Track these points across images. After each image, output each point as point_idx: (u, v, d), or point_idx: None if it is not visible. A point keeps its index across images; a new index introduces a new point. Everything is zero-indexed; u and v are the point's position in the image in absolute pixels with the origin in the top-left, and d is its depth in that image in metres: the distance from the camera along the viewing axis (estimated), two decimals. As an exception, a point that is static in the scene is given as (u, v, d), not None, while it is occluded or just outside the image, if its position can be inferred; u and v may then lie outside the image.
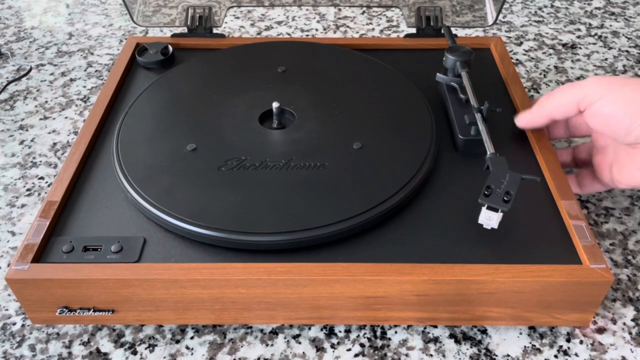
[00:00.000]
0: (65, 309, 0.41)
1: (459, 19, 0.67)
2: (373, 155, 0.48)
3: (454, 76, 0.55)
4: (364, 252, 0.42)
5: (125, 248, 0.42)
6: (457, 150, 0.50)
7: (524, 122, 0.50)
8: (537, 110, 0.48)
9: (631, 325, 0.45)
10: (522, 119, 0.50)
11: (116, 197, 0.46)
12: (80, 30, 0.85)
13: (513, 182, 0.42)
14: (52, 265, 0.40)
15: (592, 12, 0.89)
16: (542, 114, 0.48)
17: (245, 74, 0.58)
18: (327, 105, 0.54)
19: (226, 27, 0.85)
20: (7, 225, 0.54)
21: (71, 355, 0.43)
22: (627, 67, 0.75)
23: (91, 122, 0.52)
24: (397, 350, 0.43)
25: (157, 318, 0.43)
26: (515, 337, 0.44)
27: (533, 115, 0.49)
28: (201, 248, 0.42)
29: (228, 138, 0.50)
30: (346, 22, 0.86)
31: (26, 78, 0.74)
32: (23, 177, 0.59)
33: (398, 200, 0.44)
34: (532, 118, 0.49)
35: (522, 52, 0.79)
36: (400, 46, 0.64)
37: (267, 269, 0.40)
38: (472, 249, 0.42)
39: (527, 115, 0.49)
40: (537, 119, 0.49)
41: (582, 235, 0.42)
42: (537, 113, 0.48)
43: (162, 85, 0.57)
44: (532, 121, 0.49)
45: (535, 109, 0.48)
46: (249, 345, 0.44)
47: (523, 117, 0.50)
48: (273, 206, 0.44)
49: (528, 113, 0.49)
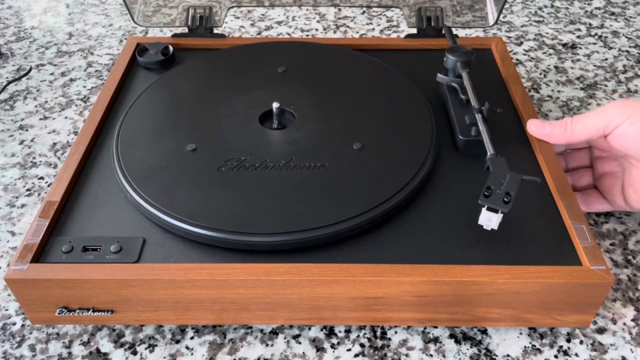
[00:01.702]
0: (65, 309, 0.41)
1: (459, 19, 0.67)
2: (373, 156, 0.48)
3: (454, 76, 0.55)
4: (364, 252, 0.42)
5: (125, 248, 0.42)
6: (457, 151, 0.50)
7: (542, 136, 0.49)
8: (561, 130, 0.48)
9: (631, 325, 0.45)
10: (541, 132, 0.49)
11: (116, 197, 0.46)
12: (80, 30, 0.85)
13: (513, 183, 0.42)
14: (51, 265, 0.40)
15: (592, 12, 0.89)
16: (565, 137, 0.48)
17: (246, 74, 0.58)
18: (327, 105, 0.54)
19: (226, 27, 0.84)
20: (7, 225, 0.54)
21: (71, 355, 0.43)
22: (627, 67, 0.75)
23: (91, 122, 0.52)
24: (397, 351, 0.43)
25: (157, 318, 0.43)
26: (515, 337, 0.44)
27: (557, 133, 0.48)
28: (200, 248, 0.42)
29: (228, 138, 0.50)
30: (346, 22, 0.86)
31: (26, 78, 0.74)
32: (23, 177, 0.59)
33: (398, 201, 0.44)
34: (554, 135, 0.48)
35: (522, 52, 0.79)
36: (401, 46, 0.64)
37: (266, 270, 0.40)
38: (472, 250, 0.42)
39: (545, 130, 0.49)
40: (560, 139, 0.48)
41: (582, 236, 0.42)
42: (562, 133, 0.48)
43: (162, 85, 0.57)
44: (552, 138, 0.49)
45: (559, 128, 0.48)
46: (249, 346, 0.43)
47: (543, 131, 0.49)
48: (273, 207, 0.44)
49: (547, 127, 0.49)
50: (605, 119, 0.46)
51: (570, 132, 0.47)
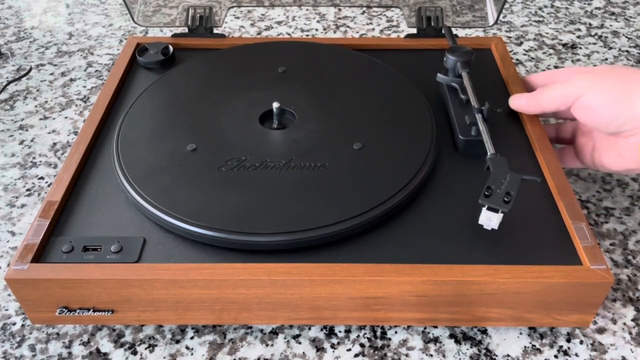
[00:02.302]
0: (65, 309, 0.41)
1: (459, 19, 0.67)
2: (373, 156, 0.48)
3: (454, 76, 0.55)
4: (364, 252, 0.42)
5: (125, 248, 0.42)
6: (457, 151, 0.50)
7: (516, 107, 0.53)
8: (530, 101, 0.51)
9: (631, 325, 0.45)
10: (515, 104, 0.53)
11: (116, 197, 0.46)
12: (80, 30, 0.85)
13: (513, 183, 0.42)
14: (51, 265, 0.40)
15: (592, 12, 0.89)
16: (534, 107, 0.51)
17: (246, 74, 0.58)
18: (327, 105, 0.54)
19: (226, 27, 0.84)
20: (7, 225, 0.54)
21: (71, 355, 0.43)
22: (628, 68, 0.75)
23: (91, 122, 0.52)
24: (397, 351, 0.43)
25: (157, 318, 0.43)
26: (516, 337, 0.44)
27: (527, 104, 0.51)
28: (201, 248, 0.42)
29: (228, 138, 0.50)
30: (346, 22, 0.86)
31: (26, 78, 0.74)
32: (23, 177, 0.59)
33: (398, 201, 0.44)
34: (525, 106, 0.52)
35: (522, 52, 0.79)
36: (401, 46, 0.64)
37: (266, 270, 0.40)
38: (472, 250, 0.42)
39: (520, 101, 0.52)
40: (530, 109, 0.52)
41: (582, 235, 0.42)
42: (531, 104, 0.51)
43: (162, 85, 0.57)
44: (523, 109, 0.52)
45: (529, 100, 0.51)
46: (249, 346, 0.43)
47: (517, 103, 0.52)
48: (273, 206, 0.44)
49: (522, 99, 0.52)
50: (568, 90, 0.47)
51: (539, 103, 0.50)
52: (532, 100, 0.51)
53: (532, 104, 0.51)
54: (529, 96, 0.51)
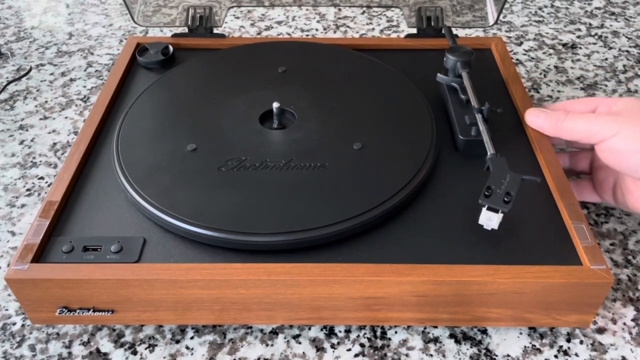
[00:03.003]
0: (65, 309, 0.41)
1: (459, 19, 0.67)
2: (373, 156, 0.48)
3: (454, 76, 0.55)
4: (364, 252, 0.42)
5: (125, 248, 0.42)
6: (457, 151, 0.50)
7: (532, 124, 0.50)
8: (549, 122, 0.48)
9: (631, 325, 0.45)
10: (532, 121, 0.50)
11: (116, 197, 0.46)
12: (80, 30, 0.85)
13: (513, 183, 0.42)
14: (51, 265, 0.40)
15: (592, 12, 0.89)
16: (552, 130, 0.48)
17: (246, 74, 0.58)
18: (327, 105, 0.54)
19: (226, 27, 0.84)
20: (7, 225, 0.54)
21: (71, 355, 0.43)
22: (627, 67, 0.75)
23: (91, 122, 0.52)
24: (397, 350, 0.43)
25: (157, 318, 0.43)
26: (516, 337, 0.44)
27: (545, 124, 0.49)
28: (201, 248, 0.42)
29: (228, 138, 0.50)
30: (346, 22, 0.86)
31: (26, 78, 0.74)
32: (23, 177, 0.59)
33: (398, 201, 0.44)
34: (543, 126, 0.49)
35: (522, 52, 0.79)
36: (401, 46, 0.64)
37: (266, 270, 0.40)
38: (472, 250, 0.42)
39: (538, 120, 0.49)
40: (546, 131, 0.49)
41: (582, 235, 0.42)
42: (549, 126, 0.48)
43: (162, 85, 0.57)
44: (540, 128, 0.49)
45: (548, 120, 0.48)
46: (249, 345, 0.43)
47: (534, 120, 0.50)
48: (273, 206, 0.44)
49: (540, 118, 0.49)
50: (593, 128, 0.44)
51: (559, 128, 0.47)
52: (551, 122, 0.48)
53: (551, 127, 0.48)
54: (547, 116, 0.48)
